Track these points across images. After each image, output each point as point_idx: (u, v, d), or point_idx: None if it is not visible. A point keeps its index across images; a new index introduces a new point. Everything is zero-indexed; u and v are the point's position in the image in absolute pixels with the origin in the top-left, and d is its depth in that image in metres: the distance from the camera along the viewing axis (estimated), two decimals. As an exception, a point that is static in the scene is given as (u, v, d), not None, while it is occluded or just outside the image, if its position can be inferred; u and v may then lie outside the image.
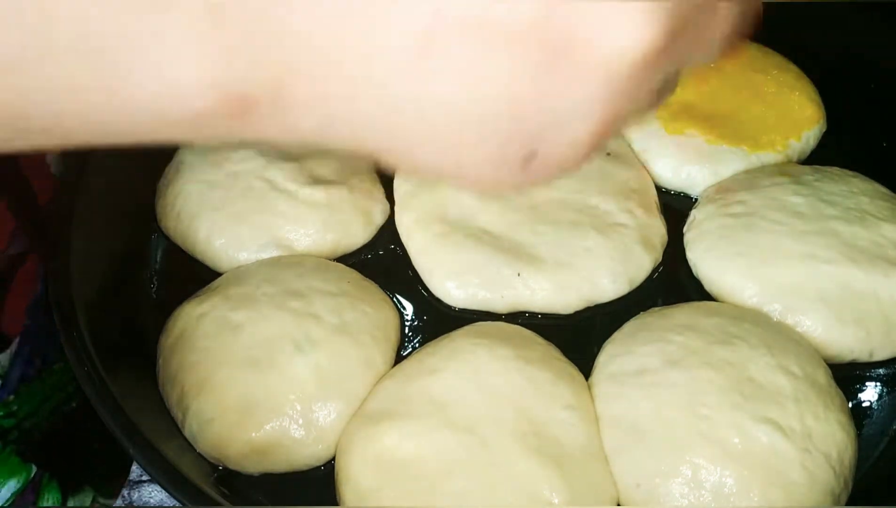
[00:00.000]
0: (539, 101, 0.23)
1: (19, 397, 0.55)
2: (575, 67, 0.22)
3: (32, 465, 0.53)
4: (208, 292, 0.54)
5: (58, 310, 0.49)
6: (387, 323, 0.53)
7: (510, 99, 0.23)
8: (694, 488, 0.45)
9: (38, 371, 0.57)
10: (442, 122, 0.23)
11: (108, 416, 0.45)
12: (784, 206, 0.56)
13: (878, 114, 0.63)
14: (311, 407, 0.49)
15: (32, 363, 0.56)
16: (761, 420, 0.46)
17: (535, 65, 0.22)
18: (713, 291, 0.55)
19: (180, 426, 0.50)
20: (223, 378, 0.49)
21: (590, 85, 0.23)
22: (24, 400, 0.55)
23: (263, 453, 0.48)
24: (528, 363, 0.50)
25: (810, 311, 0.52)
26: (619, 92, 0.23)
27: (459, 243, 0.56)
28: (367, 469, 0.47)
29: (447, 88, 0.22)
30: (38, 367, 0.57)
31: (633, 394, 0.49)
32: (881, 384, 0.53)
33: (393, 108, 0.22)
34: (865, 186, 0.58)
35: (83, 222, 0.53)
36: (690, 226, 0.58)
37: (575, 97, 0.23)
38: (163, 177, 0.61)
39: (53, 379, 0.57)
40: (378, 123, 0.23)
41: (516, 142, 0.24)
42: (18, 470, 0.53)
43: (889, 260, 0.53)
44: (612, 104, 0.23)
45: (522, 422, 0.47)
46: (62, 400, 0.57)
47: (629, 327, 0.53)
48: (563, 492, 0.45)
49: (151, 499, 0.50)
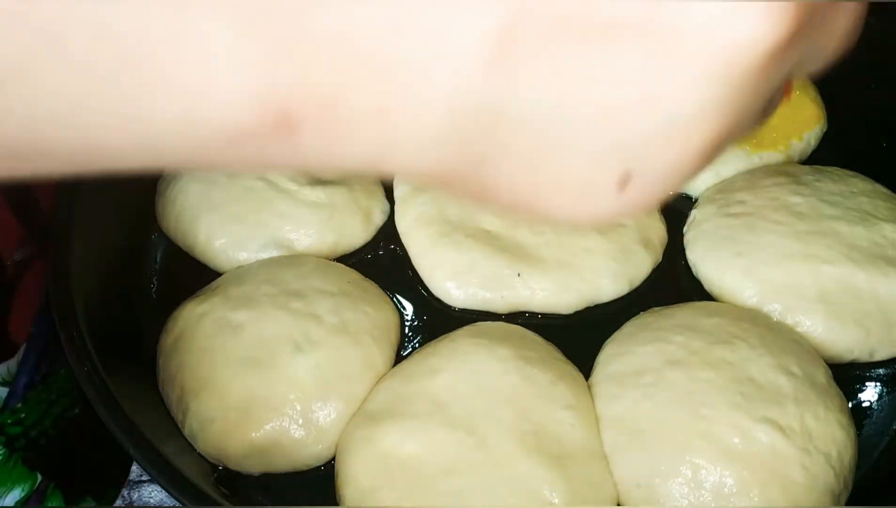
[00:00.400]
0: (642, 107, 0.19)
1: (26, 404, 0.55)
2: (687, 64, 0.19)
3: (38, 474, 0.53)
4: (208, 292, 0.54)
5: (58, 311, 0.49)
6: (387, 323, 0.53)
7: (607, 107, 0.19)
8: (694, 488, 0.45)
9: (43, 378, 0.57)
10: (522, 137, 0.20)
11: (109, 416, 0.45)
12: (784, 206, 0.56)
13: (878, 114, 0.63)
14: (311, 407, 0.49)
15: (38, 370, 0.56)
16: (761, 420, 0.46)
17: (639, 65, 0.19)
18: (713, 291, 0.55)
19: (180, 426, 0.50)
20: (223, 378, 0.49)
21: (705, 86, 0.19)
22: (30, 408, 0.55)
23: (263, 453, 0.48)
24: (528, 363, 0.50)
25: (810, 311, 0.52)
26: (739, 95, 0.20)
27: (459, 243, 0.56)
28: (367, 468, 0.47)
29: (530, 95, 0.19)
30: (43, 373, 0.57)
31: (633, 394, 0.49)
32: (881, 384, 0.53)
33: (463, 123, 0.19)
34: (865, 186, 0.58)
35: (83, 223, 0.53)
36: (690, 226, 0.58)
37: (686, 101, 0.19)
38: (163, 177, 0.61)
39: (58, 385, 0.57)
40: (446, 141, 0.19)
41: (612, 160, 0.20)
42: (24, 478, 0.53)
43: (889, 260, 0.53)
44: (731, 110, 0.20)
45: (522, 422, 0.47)
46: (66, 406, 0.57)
47: (629, 327, 0.53)
48: (563, 492, 0.45)
49: (151, 499, 0.50)
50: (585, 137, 0.20)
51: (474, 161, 0.20)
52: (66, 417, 0.57)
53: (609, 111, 0.19)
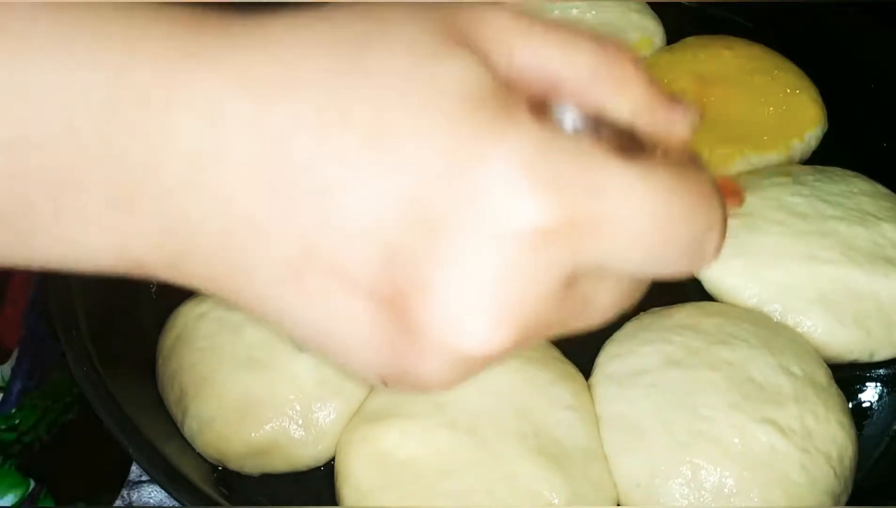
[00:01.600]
0: (393, 355, 0.24)
1: (21, 410, 0.55)
2: (426, 343, 0.23)
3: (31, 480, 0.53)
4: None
5: (57, 311, 0.49)
6: (387, 323, 0.53)
7: (366, 344, 0.24)
8: (694, 488, 0.45)
9: (38, 383, 0.56)
10: (311, 335, 0.24)
11: (109, 417, 0.45)
12: (784, 206, 0.56)
13: (879, 114, 0.63)
14: (311, 407, 0.49)
15: (32, 374, 0.56)
16: (761, 421, 0.46)
17: (393, 329, 0.23)
18: (713, 291, 0.55)
19: (180, 426, 0.50)
20: (223, 378, 0.49)
21: (437, 360, 0.23)
22: (26, 413, 0.55)
23: (263, 453, 0.48)
24: (528, 363, 0.50)
25: (810, 311, 0.52)
26: (467, 369, 0.24)
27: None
28: (367, 469, 0.47)
29: (312, 312, 0.23)
30: (38, 378, 0.57)
31: (633, 394, 0.49)
32: (881, 385, 0.53)
33: (268, 306, 0.24)
34: (866, 186, 0.58)
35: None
36: (690, 226, 0.58)
37: (424, 363, 0.24)
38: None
39: (53, 390, 0.57)
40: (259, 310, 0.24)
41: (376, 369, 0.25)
42: (18, 485, 0.53)
43: (889, 260, 0.53)
44: (463, 373, 0.24)
45: (522, 422, 0.47)
46: (60, 412, 0.57)
47: (629, 327, 0.53)
48: (563, 492, 0.45)
49: (151, 499, 0.50)
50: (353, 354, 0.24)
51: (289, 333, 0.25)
52: (61, 423, 0.57)
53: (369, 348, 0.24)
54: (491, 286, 0.22)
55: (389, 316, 0.23)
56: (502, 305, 0.22)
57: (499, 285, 0.22)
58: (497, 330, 0.23)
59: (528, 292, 0.22)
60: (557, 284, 0.23)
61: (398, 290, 0.22)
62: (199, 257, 0.23)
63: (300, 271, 0.22)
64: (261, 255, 0.22)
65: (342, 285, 0.23)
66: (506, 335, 0.23)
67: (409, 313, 0.23)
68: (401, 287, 0.22)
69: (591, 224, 0.22)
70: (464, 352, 0.23)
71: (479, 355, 0.23)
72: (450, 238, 0.22)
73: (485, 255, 0.22)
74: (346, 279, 0.22)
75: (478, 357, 0.23)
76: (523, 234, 0.22)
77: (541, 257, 0.22)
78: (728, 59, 0.64)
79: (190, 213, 0.22)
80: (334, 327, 0.24)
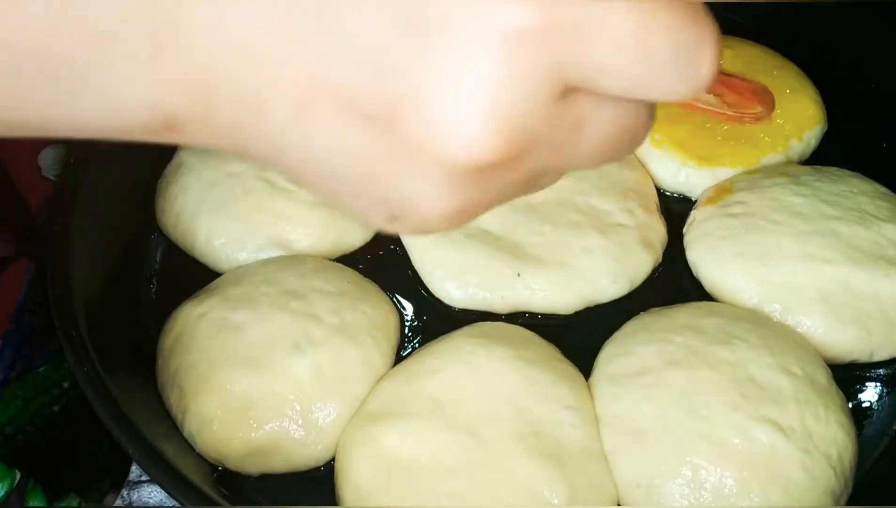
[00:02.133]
0: (391, 179, 0.25)
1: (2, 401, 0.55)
2: (419, 159, 0.24)
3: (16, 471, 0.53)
4: (208, 293, 0.54)
5: (57, 310, 0.49)
6: (387, 323, 0.53)
7: (367, 172, 0.25)
8: (694, 488, 0.45)
9: (18, 375, 0.56)
10: (318, 171, 0.26)
11: (108, 417, 0.45)
12: (784, 206, 0.56)
13: (878, 114, 0.63)
14: (311, 408, 0.49)
15: (13, 367, 0.56)
16: (761, 421, 0.46)
17: (388, 149, 0.24)
18: (713, 291, 0.55)
19: (180, 426, 0.50)
20: (223, 378, 0.49)
21: (431, 178, 0.25)
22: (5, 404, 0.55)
23: (263, 453, 0.48)
24: (528, 363, 0.50)
25: (810, 311, 0.52)
26: (462, 189, 0.25)
27: (459, 243, 0.56)
28: (367, 469, 0.47)
29: (321, 145, 0.25)
30: (18, 371, 0.57)
31: (633, 394, 0.49)
32: (881, 385, 0.53)
33: (281, 149, 0.25)
34: (865, 186, 0.58)
35: (83, 222, 0.53)
36: (690, 226, 0.58)
37: (420, 185, 0.25)
38: (163, 177, 0.61)
39: (36, 382, 0.57)
40: (276, 157, 0.26)
41: (378, 207, 0.26)
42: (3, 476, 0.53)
43: (889, 260, 0.53)
44: (458, 197, 0.25)
45: (522, 422, 0.47)
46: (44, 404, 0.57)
47: (629, 327, 0.53)
48: (563, 492, 0.45)
49: (151, 499, 0.50)
50: (355, 189, 0.26)
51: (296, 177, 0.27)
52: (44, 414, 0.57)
53: (368, 176, 0.25)
54: (480, 91, 0.23)
55: (385, 134, 0.24)
56: (492, 109, 0.23)
57: (488, 89, 0.23)
58: (488, 135, 0.23)
59: (517, 96, 0.23)
60: (547, 91, 0.23)
61: (392, 104, 0.23)
62: (223, 104, 0.24)
63: (307, 102, 0.24)
64: (274, 90, 0.24)
65: (343, 110, 0.24)
66: (497, 141, 0.23)
67: (403, 126, 0.24)
68: (394, 101, 0.23)
69: (575, 26, 0.23)
70: (456, 160, 0.24)
71: (471, 162, 0.24)
72: (437, 45, 0.23)
73: (472, 59, 0.23)
74: (346, 102, 0.24)
75: (470, 166, 0.24)
76: (508, 35, 0.22)
77: (527, 59, 0.23)
78: (728, 59, 0.64)
79: (214, 58, 0.24)
80: (338, 157, 0.25)
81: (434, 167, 0.24)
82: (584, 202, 0.58)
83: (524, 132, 0.24)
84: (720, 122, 0.61)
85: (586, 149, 0.26)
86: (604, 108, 0.25)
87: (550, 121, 0.24)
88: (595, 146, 0.26)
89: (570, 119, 0.25)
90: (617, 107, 0.26)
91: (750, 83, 0.51)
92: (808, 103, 0.62)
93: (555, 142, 0.25)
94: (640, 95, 0.25)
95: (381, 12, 0.23)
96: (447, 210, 0.26)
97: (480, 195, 0.26)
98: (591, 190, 0.58)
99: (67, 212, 0.53)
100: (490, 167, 0.24)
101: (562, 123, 0.25)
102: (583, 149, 0.26)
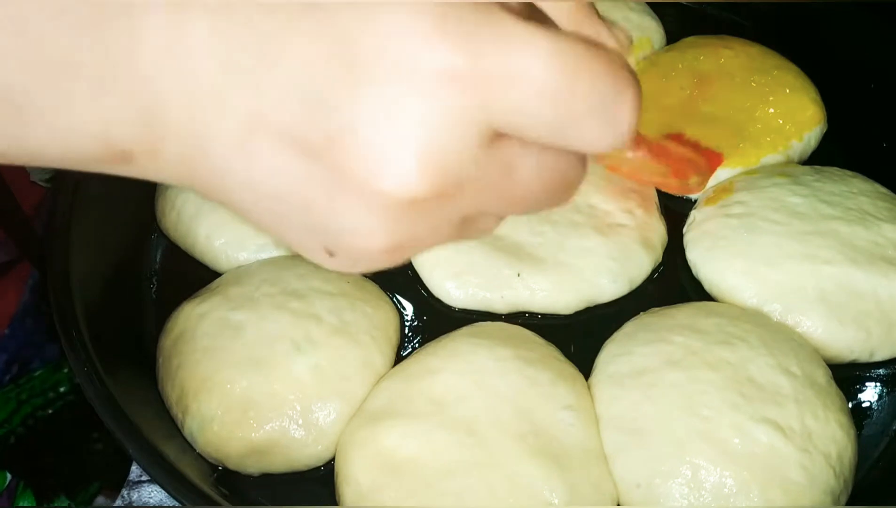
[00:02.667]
0: (327, 211, 0.26)
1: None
2: (354, 191, 0.25)
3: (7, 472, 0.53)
4: (208, 293, 0.54)
5: (58, 311, 0.49)
6: (387, 323, 0.53)
7: (305, 203, 0.26)
8: (694, 488, 0.45)
9: (13, 378, 0.56)
10: (260, 204, 0.27)
11: (109, 417, 0.46)
12: (784, 206, 0.56)
13: (878, 114, 0.63)
14: (311, 407, 0.49)
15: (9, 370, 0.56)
16: (761, 421, 0.46)
17: (325, 181, 0.25)
18: (713, 291, 0.55)
19: (180, 426, 0.50)
20: (223, 378, 0.49)
21: (365, 211, 0.25)
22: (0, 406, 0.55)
23: (263, 453, 0.48)
24: (528, 363, 0.50)
25: (810, 311, 0.52)
26: (394, 223, 0.26)
27: (459, 243, 0.56)
28: (367, 468, 0.47)
29: (262, 176, 0.26)
30: (14, 374, 0.56)
31: (632, 394, 0.49)
32: (881, 384, 0.53)
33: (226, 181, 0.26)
34: (865, 186, 0.58)
35: (83, 222, 0.53)
36: (690, 226, 0.58)
37: (355, 217, 0.26)
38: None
39: (30, 386, 0.57)
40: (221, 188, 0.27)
41: (315, 238, 0.27)
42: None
43: (889, 260, 0.53)
44: (391, 232, 0.26)
45: (522, 422, 0.47)
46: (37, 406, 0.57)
47: (629, 327, 0.53)
48: (563, 492, 0.45)
49: (151, 499, 0.50)
50: (295, 221, 0.27)
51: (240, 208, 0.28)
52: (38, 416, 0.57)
53: (305, 209, 0.26)
54: (411, 129, 0.24)
55: (322, 166, 0.25)
56: (422, 147, 0.24)
57: (418, 127, 0.24)
58: (418, 171, 0.24)
59: (446, 136, 0.24)
60: (474, 132, 0.24)
61: (328, 138, 0.24)
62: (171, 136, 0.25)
63: (248, 134, 0.25)
64: (217, 124, 0.25)
65: (282, 142, 0.25)
66: (427, 177, 0.24)
67: (339, 159, 0.24)
68: (330, 134, 0.24)
69: (499, 72, 0.24)
70: (388, 194, 0.25)
71: (402, 196, 0.25)
72: (372, 80, 0.24)
73: (405, 96, 0.24)
74: (285, 135, 0.25)
75: (402, 200, 0.25)
76: (439, 75, 0.23)
77: (455, 101, 0.24)
78: (728, 59, 0.65)
79: (162, 93, 0.25)
80: (277, 189, 0.26)
81: (367, 200, 0.25)
82: (583, 202, 0.58)
83: (453, 170, 0.25)
84: (718, 122, 0.61)
85: (519, 193, 0.27)
86: (532, 154, 0.26)
87: (479, 162, 0.25)
88: (527, 192, 0.27)
89: (499, 163, 0.26)
90: (546, 154, 0.27)
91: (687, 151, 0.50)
92: (808, 103, 0.62)
93: (485, 184, 0.26)
94: (565, 144, 0.26)
95: (320, 47, 0.24)
96: (381, 245, 0.26)
97: (414, 232, 0.26)
98: (591, 190, 0.58)
99: (68, 212, 0.53)
100: (421, 203, 0.25)
101: (491, 167, 0.25)
102: (516, 193, 0.27)
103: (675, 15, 0.71)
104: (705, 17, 0.72)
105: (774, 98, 0.62)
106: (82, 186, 0.54)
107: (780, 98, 0.62)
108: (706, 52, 0.65)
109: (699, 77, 0.64)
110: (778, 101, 0.62)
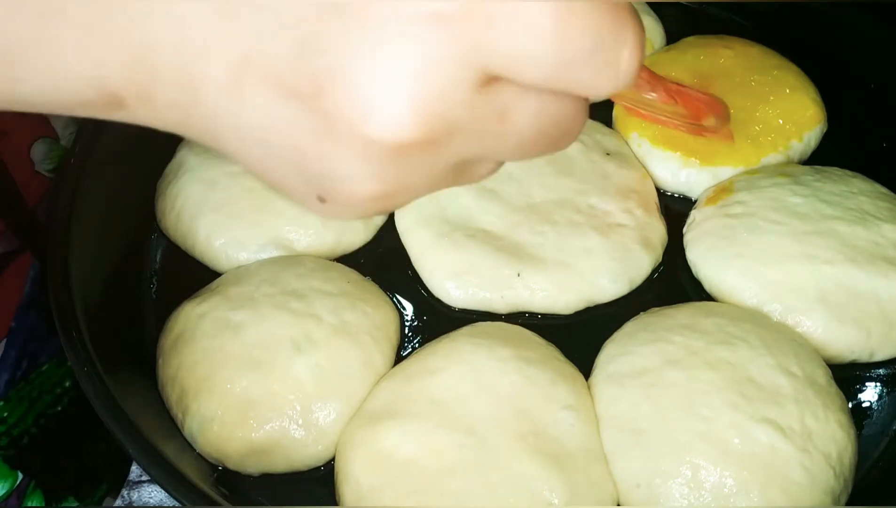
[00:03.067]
0: (318, 156, 0.25)
1: (9, 402, 0.55)
2: (344, 136, 0.25)
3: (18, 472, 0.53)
4: (208, 292, 0.54)
5: (57, 310, 0.49)
6: (387, 323, 0.53)
7: (295, 149, 0.26)
8: (694, 488, 0.45)
9: (24, 373, 0.56)
10: (252, 149, 0.26)
11: (109, 417, 0.45)
12: (784, 206, 0.56)
13: (878, 114, 0.63)
14: (311, 407, 0.49)
15: (19, 366, 0.56)
16: (761, 421, 0.46)
17: (315, 125, 0.25)
18: (713, 291, 0.55)
19: (180, 426, 0.50)
20: (223, 378, 0.49)
21: (356, 156, 0.25)
22: (13, 406, 0.55)
23: (263, 453, 0.48)
24: (528, 363, 0.50)
25: (810, 311, 0.52)
26: (385, 169, 0.25)
27: (459, 243, 0.56)
28: (367, 468, 0.47)
29: (252, 121, 0.25)
30: (24, 369, 0.57)
31: (633, 394, 0.49)
32: (881, 384, 0.53)
33: (217, 126, 0.26)
34: (865, 186, 0.58)
35: (83, 222, 0.53)
36: (690, 227, 0.58)
37: (345, 163, 0.25)
38: (163, 177, 0.61)
39: (41, 381, 0.57)
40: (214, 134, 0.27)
41: (307, 185, 0.27)
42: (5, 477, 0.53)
43: (889, 260, 0.53)
44: (382, 177, 0.26)
45: (522, 422, 0.47)
46: (49, 403, 0.57)
47: (629, 327, 0.53)
48: (563, 492, 0.45)
49: (151, 499, 0.50)
50: (286, 167, 0.26)
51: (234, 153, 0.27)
52: (49, 414, 0.57)
53: (296, 154, 0.26)
54: (402, 72, 0.23)
55: (312, 111, 0.24)
56: (413, 90, 0.24)
57: (409, 70, 0.23)
58: (409, 115, 0.24)
59: (437, 79, 0.24)
60: (466, 75, 0.24)
61: (318, 82, 0.24)
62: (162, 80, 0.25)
63: (238, 78, 0.25)
64: (208, 67, 0.25)
65: (272, 86, 0.25)
66: (417, 121, 0.24)
67: (328, 103, 0.24)
68: (320, 79, 0.24)
69: (493, 14, 0.23)
70: (378, 138, 0.24)
71: (392, 141, 0.24)
72: (361, 25, 0.23)
73: (395, 40, 0.23)
74: (274, 79, 0.24)
75: (392, 145, 0.24)
76: (429, 18, 0.23)
77: (447, 43, 0.23)
78: (728, 59, 0.64)
79: (152, 35, 0.25)
80: (268, 134, 0.26)
81: (357, 145, 0.25)
82: (584, 202, 0.58)
83: (445, 114, 0.24)
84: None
85: (515, 139, 0.26)
86: (528, 99, 0.26)
87: (472, 106, 0.24)
88: (523, 137, 0.26)
89: (494, 107, 0.25)
90: (542, 99, 0.26)
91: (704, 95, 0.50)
92: (808, 103, 0.62)
93: (479, 129, 0.25)
94: (561, 88, 0.25)
95: None
96: (373, 191, 0.26)
97: (405, 178, 0.26)
98: (591, 190, 0.58)
99: (68, 212, 0.53)
100: (412, 148, 0.25)
101: (485, 111, 0.25)
102: (511, 139, 0.26)
103: (675, 15, 0.71)
104: (705, 17, 0.72)
105: (774, 98, 0.62)
106: (83, 186, 0.54)
107: (780, 98, 0.62)
108: (706, 52, 0.65)
109: (699, 77, 0.64)
110: (778, 101, 0.62)
